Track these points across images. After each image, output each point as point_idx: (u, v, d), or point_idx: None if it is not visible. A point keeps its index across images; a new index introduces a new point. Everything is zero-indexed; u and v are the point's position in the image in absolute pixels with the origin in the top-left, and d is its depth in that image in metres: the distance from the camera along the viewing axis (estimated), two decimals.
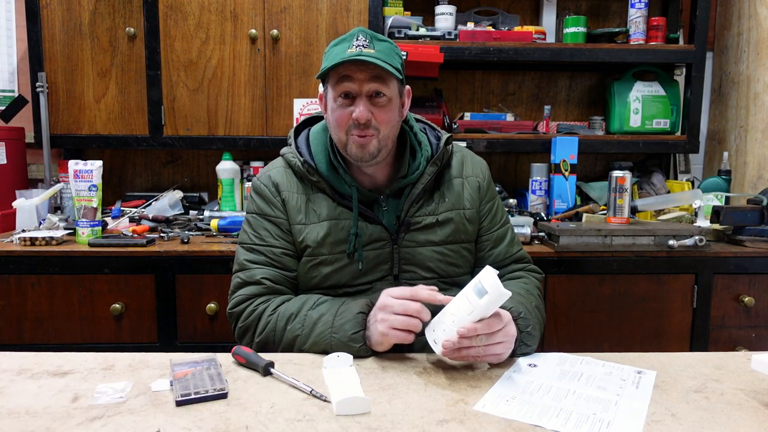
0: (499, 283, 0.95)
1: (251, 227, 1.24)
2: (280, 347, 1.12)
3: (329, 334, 1.06)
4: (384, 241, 1.21)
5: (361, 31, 1.14)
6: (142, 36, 2.13)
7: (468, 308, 0.97)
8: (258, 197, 1.25)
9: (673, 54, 2.22)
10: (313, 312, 1.11)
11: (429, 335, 1.01)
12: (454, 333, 0.96)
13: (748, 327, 1.88)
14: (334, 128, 1.18)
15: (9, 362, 1.02)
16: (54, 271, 1.77)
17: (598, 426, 0.82)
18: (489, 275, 0.96)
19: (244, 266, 1.21)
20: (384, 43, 1.15)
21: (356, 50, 1.11)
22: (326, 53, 1.17)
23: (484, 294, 0.95)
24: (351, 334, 1.04)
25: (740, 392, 0.94)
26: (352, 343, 1.04)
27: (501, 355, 1.01)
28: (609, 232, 1.82)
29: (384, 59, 1.12)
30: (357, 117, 1.12)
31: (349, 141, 1.16)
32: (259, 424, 0.81)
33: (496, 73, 2.50)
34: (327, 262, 1.20)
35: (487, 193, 1.31)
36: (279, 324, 1.12)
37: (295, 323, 1.11)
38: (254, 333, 1.16)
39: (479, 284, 0.96)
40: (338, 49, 1.13)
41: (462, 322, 0.96)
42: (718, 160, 2.39)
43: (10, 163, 2.14)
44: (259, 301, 1.17)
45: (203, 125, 2.18)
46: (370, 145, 1.15)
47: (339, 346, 1.04)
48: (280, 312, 1.14)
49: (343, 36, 1.15)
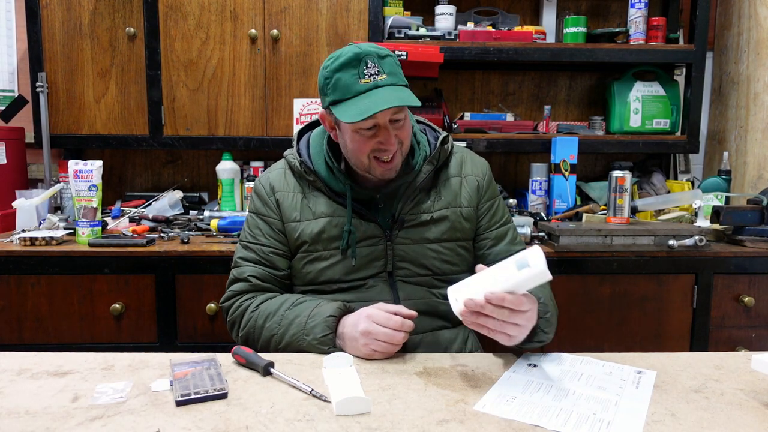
0: (545, 262, 0.91)
1: (248, 226, 1.31)
2: (259, 344, 1.17)
3: (301, 335, 1.10)
4: (378, 238, 1.22)
5: (367, 56, 1.10)
6: (142, 36, 2.13)
7: (503, 276, 0.94)
8: (256, 197, 1.31)
9: (673, 54, 2.22)
10: (290, 312, 1.15)
11: (451, 293, 0.99)
12: (481, 295, 0.93)
13: (748, 327, 1.88)
14: (355, 155, 1.18)
15: (9, 362, 1.02)
16: (54, 271, 1.77)
17: (598, 426, 0.82)
18: (536, 252, 0.93)
19: (237, 263, 1.28)
20: (388, 60, 1.13)
21: (370, 81, 1.09)
22: (330, 80, 1.12)
23: (524, 267, 0.92)
24: (320, 337, 1.08)
25: (740, 392, 0.94)
26: (321, 346, 1.07)
27: (513, 338, 0.99)
28: (609, 232, 1.82)
29: (397, 82, 1.12)
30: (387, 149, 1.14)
31: (372, 164, 1.17)
32: (259, 424, 0.81)
33: (496, 73, 2.50)
34: (321, 258, 1.23)
35: (487, 192, 1.31)
36: (258, 322, 1.18)
37: (272, 322, 1.16)
38: (239, 327, 1.22)
39: (523, 258, 0.93)
40: (347, 78, 1.10)
41: (493, 288, 0.93)
42: (718, 160, 2.39)
43: (10, 163, 2.14)
44: (245, 298, 1.23)
45: (203, 125, 2.18)
46: (396, 164, 1.19)
47: (310, 348, 1.09)
48: (261, 310, 1.19)
49: (347, 59, 1.10)
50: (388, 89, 1.10)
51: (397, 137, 1.15)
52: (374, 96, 1.09)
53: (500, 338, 0.99)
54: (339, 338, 1.09)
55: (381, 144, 1.14)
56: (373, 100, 1.08)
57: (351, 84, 1.10)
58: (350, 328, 1.07)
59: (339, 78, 1.11)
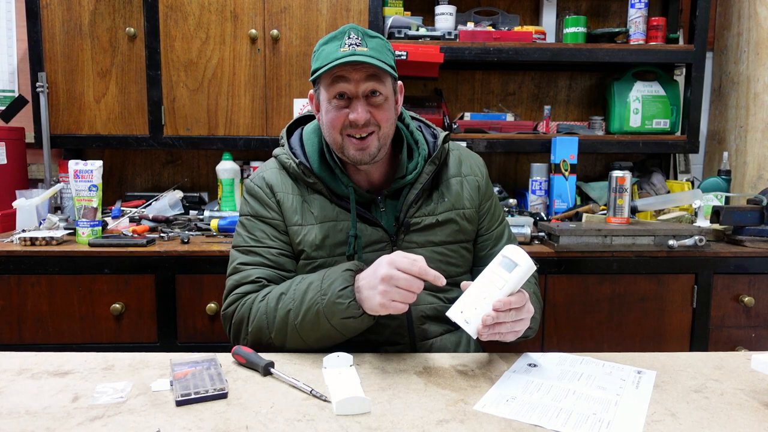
0: (527, 255, 0.98)
1: (246, 230, 1.22)
2: (274, 329, 1.09)
3: (319, 297, 1.04)
4: (383, 242, 1.19)
5: (352, 28, 1.11)
6: (142, 36, 2.13)
7: (499, 283, 0.98)
8: (252, 199, 1.23)
9: (673, 54, 2.22)
10: (302, 283, 1.09)
11: (457, 317, 0.99)
12: (489, 309, 0.97)
13: (748, 327, 1.88)
14: (328, 130, 1.15)
15: (9, 362, 1.02)
16: (54, 271, 1.77)
17: (598, 426, 0.82)
18: (514, 249, 0.99)
19: (238, 269, 1.19)
20: (376, 40, 1.12)
21: (349, 49, 1.09)
22: (316, 52, 1.14)
23: (514, 267, 0.98)
24: (339, 290, 1.02)
25: (740, 392, 0.94)
26: (341, 300, 1.01)
27: (518, 332, 1.03)
28: (609, 232, 1.82)
29: (378, 57, 1.10)
30: (356, 119, 1.11)
31: (345, 142, 1.14)
32: (259, 424, 0.81)
33: (496, 73, 2.50)
34: (326, 265, 1.17)
35: (486, 191, 1.31)
36: (270, 305, 1.10)
37: (286, 299, 1.09)
38: (248, 322, 1.13)
39: (506, 258, 0.98)
40: (329, 48, 1.11)
41: (496, 298, 0.97)
42: (718, 160, 2.39)
43: (10, 163, 2.14)
44: (251, 296, 1.16)
45: (203, 125, 2.18)
46: (371, 146, 1.14)
47: (329, 306, 1.02)
48: (269, 296, 1.12)
49: (333, 33, 1.13)
50: (363, 57, 1.08)
51: (372, 116, 1.12)
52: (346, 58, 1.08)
53: (510, 337, 1.03)
54: (357, 291, 1.03)
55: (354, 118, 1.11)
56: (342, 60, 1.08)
57: (330, 53, 1.10)
58: (369, 275, 1.01)
59: (322, 49, 1.12)
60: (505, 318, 0.98)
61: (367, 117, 1.12)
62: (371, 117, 1.13)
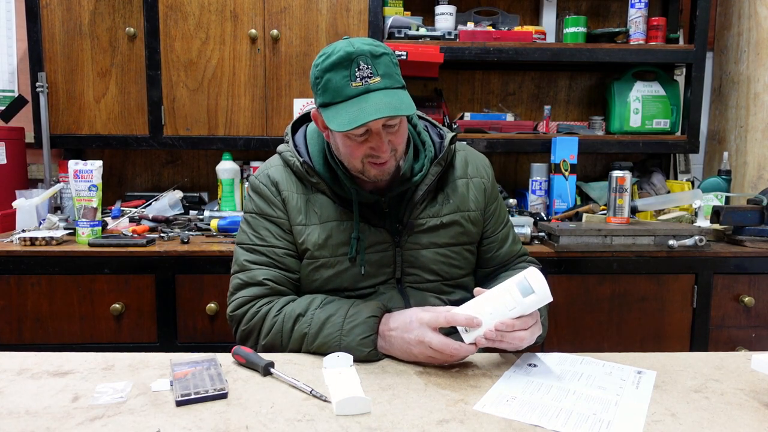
0: (546, 285, 0.98)
1: (251, 227, 1.21)
2: (288, 348, 1.10)
3: (338, 336, 1.04)
4: (387, 243, 1.18)
5: (360, 55, 1.02)
6: (142, 36, 2.13)
7: (510, 304, 0.99)
8: (257, 196, 1.21)
9: (673, 54, 2.22)
10: (321, 312, 1.08)
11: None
12: (492, 325, 0.98)
13: (748, 327, 1.88)
14: (347, 158, 1.12)
15: (9, 362, 1.02)
16: (54, 271, 1.77)
17: (598, 426, 0.82)
18: (536, 276, 0.98)
19: (245, 267, 1.17)
20: (383, 60, 1.04)
21: (362, 84, 1.02)
22: (320, 79, 1.06)
23: (529, 293, 0.98)
24: (361, 339, 1.02)
25: (740, 392, 0.94)
26: (362, 347, 1.02)
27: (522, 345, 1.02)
28: (609, 232, 1.82)
29: (392, 85, 1.05)
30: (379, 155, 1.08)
31: (366, 167, 1.11)
32: (259, 424, 0.81)
33: (496, 73, 2.50)
34: (328, 265, 1.17)
35: (492, 193, 1.30)
36: (286, 325, 1.09)
37: (302, 322, 1.08)
38: (259, 335, 1.13)
39: (525, 282, 0.98)
40: (337, 80, 1.03)
41: (502, 317, 0.98)
42: (718, 160, 2.39)
43: (10, 163, 2.14)
44: (262, 303, 1.14)
45: (203, 125, 2.18)
46: (390, 166, 1.12)
47: (347, 350, 1.03)
48: (286, 312, 1.11)
49: (338, 58, 1.03)
50: (380, 94, 1.02)
51: (390, 143, 1.09)
52: (365, 102, 1.01)
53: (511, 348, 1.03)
54: (381, 338, 1.04)
55: (373, 150, 1.08)
56: (363, 107, 1.01)
57: (341, 87, 1.03)
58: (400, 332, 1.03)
59: (329, 79, 1.04)
60: (505, 338, 0.99)
61: (388, 148, 1.10)
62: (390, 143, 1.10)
